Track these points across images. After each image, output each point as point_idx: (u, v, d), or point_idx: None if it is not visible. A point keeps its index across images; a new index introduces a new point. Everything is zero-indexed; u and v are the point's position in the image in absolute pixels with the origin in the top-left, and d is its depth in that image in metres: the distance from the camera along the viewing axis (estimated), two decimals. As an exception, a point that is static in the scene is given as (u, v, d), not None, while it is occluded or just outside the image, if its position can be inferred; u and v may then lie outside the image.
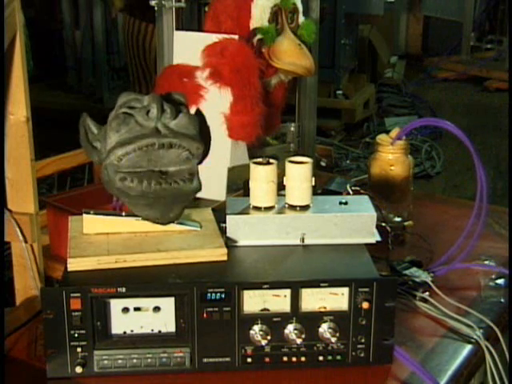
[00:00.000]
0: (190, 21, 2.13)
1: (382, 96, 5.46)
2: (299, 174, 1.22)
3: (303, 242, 1.22)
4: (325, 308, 1.11)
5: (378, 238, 1.24)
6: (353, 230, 1.23)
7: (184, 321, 1.10)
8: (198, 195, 1.19)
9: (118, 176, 1.13)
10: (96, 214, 1.20)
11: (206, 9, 1.74)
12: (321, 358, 1.13)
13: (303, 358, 1.13)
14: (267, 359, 1.12)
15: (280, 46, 1.57)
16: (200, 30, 1.74)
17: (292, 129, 1.87)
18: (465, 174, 4.19)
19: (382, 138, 1.59)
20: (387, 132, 1.61)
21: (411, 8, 6.73)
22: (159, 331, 1.11)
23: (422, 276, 1.35)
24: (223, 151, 1.58)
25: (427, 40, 6.83)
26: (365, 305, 1.11)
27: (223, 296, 1.09)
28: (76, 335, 1.08)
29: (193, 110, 1.19)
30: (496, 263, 1.42)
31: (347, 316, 1.11)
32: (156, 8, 1.78)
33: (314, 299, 1.11)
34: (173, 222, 1.20)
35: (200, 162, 1.16)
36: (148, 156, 1.12)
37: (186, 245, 1.17)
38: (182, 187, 1.15)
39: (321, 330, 1.11)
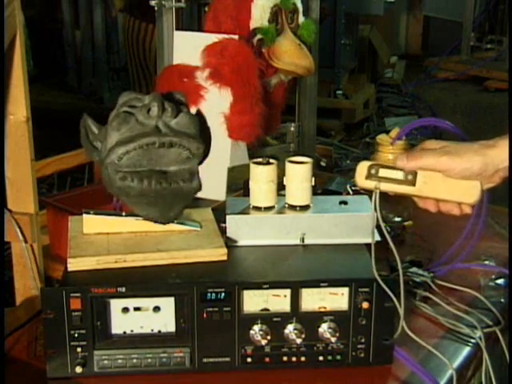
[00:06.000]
0: (190, 21, 2.13)
1: (382, 96, 5.46)
2: (299, 174, 1.22)
3: (303, 241, 1.22)
4: (325, 308, 1.11)
5: (378, 238, 1.24)
6: (353, 230, 1.23)
7: (184, 321, 1.10)
8: (198, 195, 1.19)
9: (118, 175, 1.13)
10: (96, 213, 1.20)
11: (206, 9, 1.75)
12: (321, 358, 1.13)
13: (303, 358, 1.12)
14: (267, 359, 1.12)
15: (280, 46, 1.57)
16: (200, 30, 1.74)
17: (292, 129, 1.87)
18: (465, 174, 4.18)
19: (382, 137, 1.58)
20: (387, 132, 1.60)
21: (411, 8, 6.72)
22: (159, 331, 1.11)
23: (422, 276, 1.35)
24: (223, 151, 1.58)
25: (427, 40, 6.82)
26: (365, 305, 1.11)
27: (223, 296, 1.08)
28: (76, 335, 1.08)
29: (193, 110, 1.19)
30: (496, 263, 1.42)
31: (347, 316, 1.11)
32: (156, 8, 1.79)
33: (314, 299, 1.11)
34: (173, 222, 1.20)
35: (200, 163, 1.16)
36: (148, 155, 1.12)
37: (185, 245, 1.17)
38: (183, 187, 1.15)
39: (321, 330, 1.11)
